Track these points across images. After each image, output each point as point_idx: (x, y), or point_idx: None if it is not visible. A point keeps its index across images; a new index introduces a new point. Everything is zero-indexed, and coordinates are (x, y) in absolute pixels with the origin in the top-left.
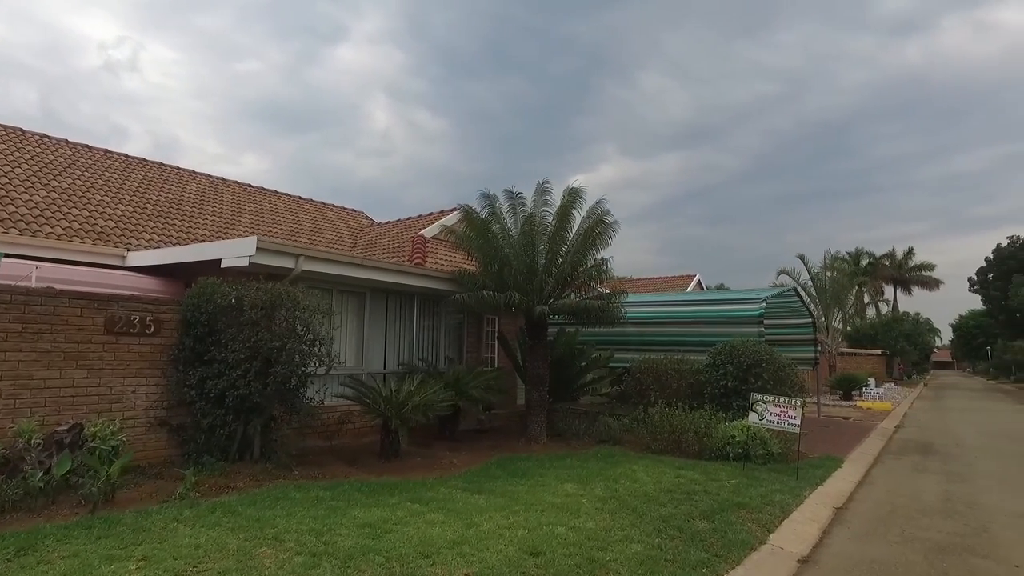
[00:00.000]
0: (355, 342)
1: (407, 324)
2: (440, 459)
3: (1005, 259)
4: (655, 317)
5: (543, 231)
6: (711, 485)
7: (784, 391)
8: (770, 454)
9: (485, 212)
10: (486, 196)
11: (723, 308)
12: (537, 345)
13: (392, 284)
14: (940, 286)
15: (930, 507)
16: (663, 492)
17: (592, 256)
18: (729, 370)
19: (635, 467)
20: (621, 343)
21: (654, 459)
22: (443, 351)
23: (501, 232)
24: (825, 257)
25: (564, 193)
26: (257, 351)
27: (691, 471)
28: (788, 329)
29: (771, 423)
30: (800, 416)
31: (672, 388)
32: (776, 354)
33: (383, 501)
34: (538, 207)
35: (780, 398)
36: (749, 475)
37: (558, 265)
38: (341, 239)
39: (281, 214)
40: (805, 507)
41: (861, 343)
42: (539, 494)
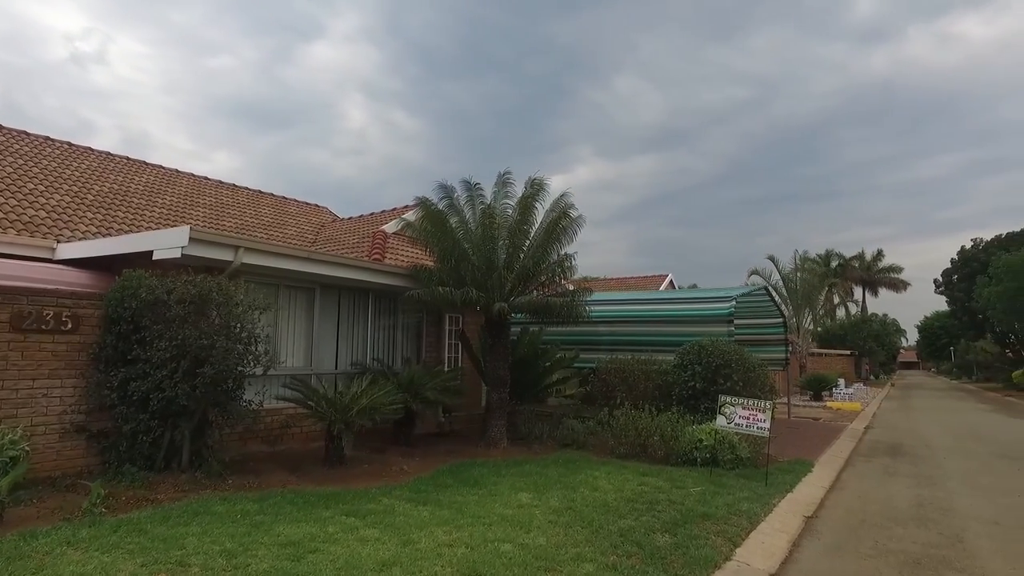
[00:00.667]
0: (304, 341)
1: (361, 322)
2: (390, 466)
3: (968, 261)
4: (623, 316)
5: (503, 225)
6: (676, 493)
7: (754, 392)
8: (739, 459)
9: (442, 204)
10: (443, 187)
11: (692, 307)
12: (497, 344)
13: (344, 280)
14: (907, 288)
15: (903, 514)
16: (624, 502)
17: (556, 251)
18: (697, 371)
19: (597, 474)
20: (588, 343)
21: (618, 465)
22: (400, 351)
23: (460, 225)
24: (796, 257)
25: (526, 184)
26: (185, 350)
27: (656, 478)
28: (759, 329)
29: (739, 426)
30: (770, 419)
31: (639, 389)
32: (746, 354)
33: (315, 515)
34: (498, 199)
35: (749, 400)
36: (716, 482)
37: (520, 260)
38: (301, 235)
39: (238, 208)
40: (774, 516)
41: (831, 343)
42: (490, 505)
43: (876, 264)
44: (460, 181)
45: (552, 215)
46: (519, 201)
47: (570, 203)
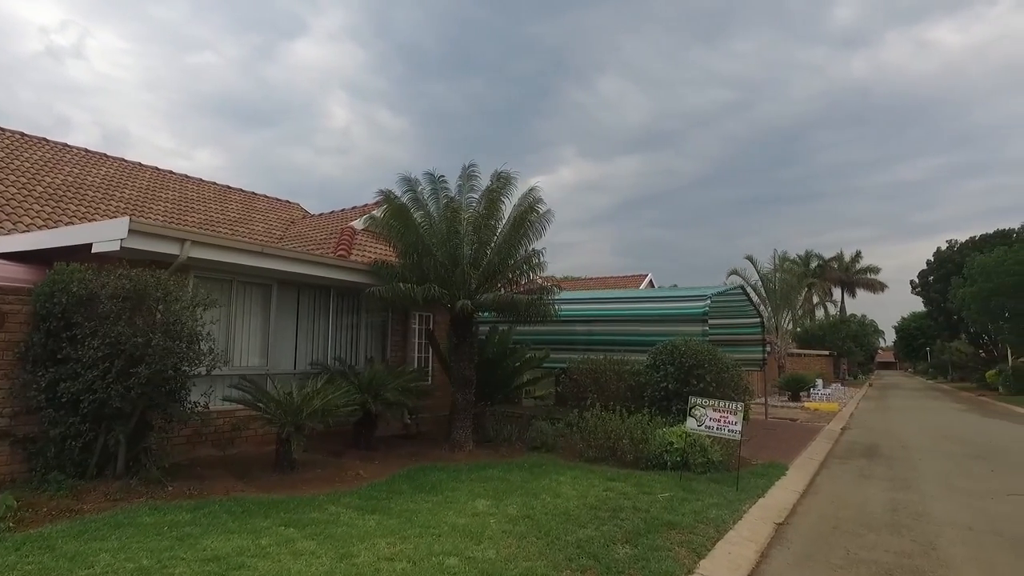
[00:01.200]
0: (260, 339)
1: (322, 321)
2: (346, 470)
3: (944, 262)
4: (596, 315)
5: (469, 219)
6: (642, 500)
7: (727, 394)
8: (710, 462)
9: (406, 197)
10: (407, 180)
11: (666, 306)
12: (463, 344)
13: (303, 276)
14: (884, 289)
15: (876, 520)
16: (586, 509)
17: (524, 247)
18: (670, 371)
19: (562, 478)
20: (560, 342)
21: (585, 469)
22: (363, 350)
23: (424, 220)
24: (775, 257)
25: (492, 178)
26: (118, 348)
27: (623, 483)
28: (736, 329)
29: (710, 429)
30: (741, 422)
31: (610, 390)
32: (719, 354)
33: (252, 525)
34: (464, 193)
35: (720, 402)
36: (686, 487)
37: (486, 256)
38: (269, 231)
39: (202, 203)
40: (743, 524)
41: (810, 344)
42: (443, 513)
43: (854, 265)
44: (423, 173)
45: (519, 210)
46: (484, 195)
47: (538, 197)
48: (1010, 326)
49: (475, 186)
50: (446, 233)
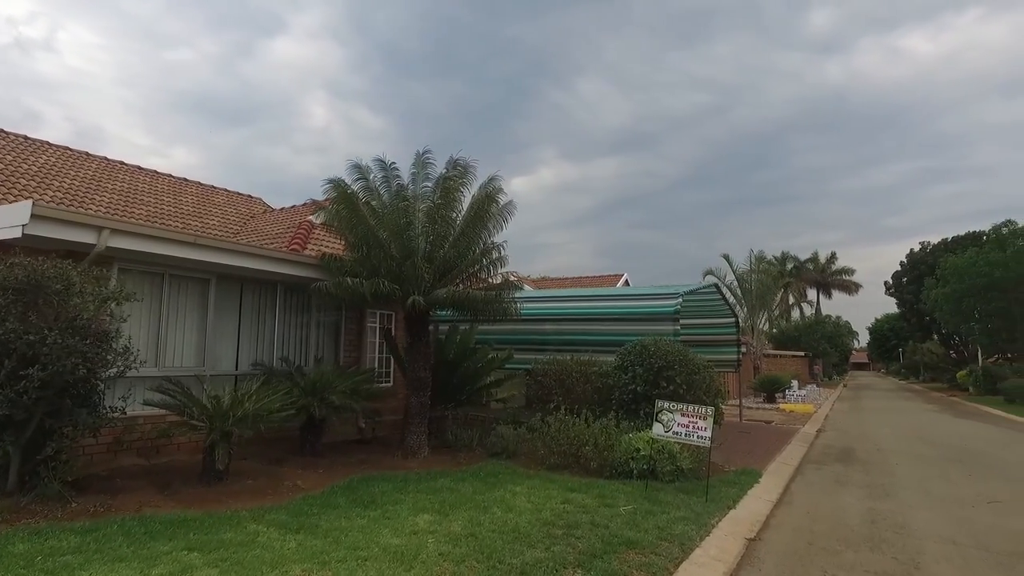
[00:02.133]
0: (196, 338)
1: (268, 318)
2: (283, 480)
3: (917, 264)
4: (563, 314)
5: (422, 209)
6: (602, 513)
7: (698, 397)
8: (679, 470)
9: (357, 185)
10: (357, 167)
11: (636, 304)
12: (417, 343)
13: (245, 270)
14: (859, 290)
15: (855, 533)
16: (539, 525)
17: (483, 240)
18: (638, 372)
19: (518, 489)
20: (526, 342)
21: (545, 478)
22: (314, 351)
23: (376, 210)
24: (751, 257)
25: (447, 165)
26: (7, 347)
27: (583, 494)
28: (710, 329)
29: (678, 435)
30: (711, 427)
31: (577, 393)
32: (691, 355)
33: (149, 550)
34: (418, 182)
35: (689, 406)
36: (652, 497)
37: (442, 249)
38: (225, 225)
39: (153, 195)
40: (712, 541)
41: (785, 345)
42: (377, 532)
43: (830, 267)
44: (374, 160)
45: (478, 200)
46: (439, 183)
47: (499, 187)
48: (981, 327)
49: (431, 175)
50: (398, 224)
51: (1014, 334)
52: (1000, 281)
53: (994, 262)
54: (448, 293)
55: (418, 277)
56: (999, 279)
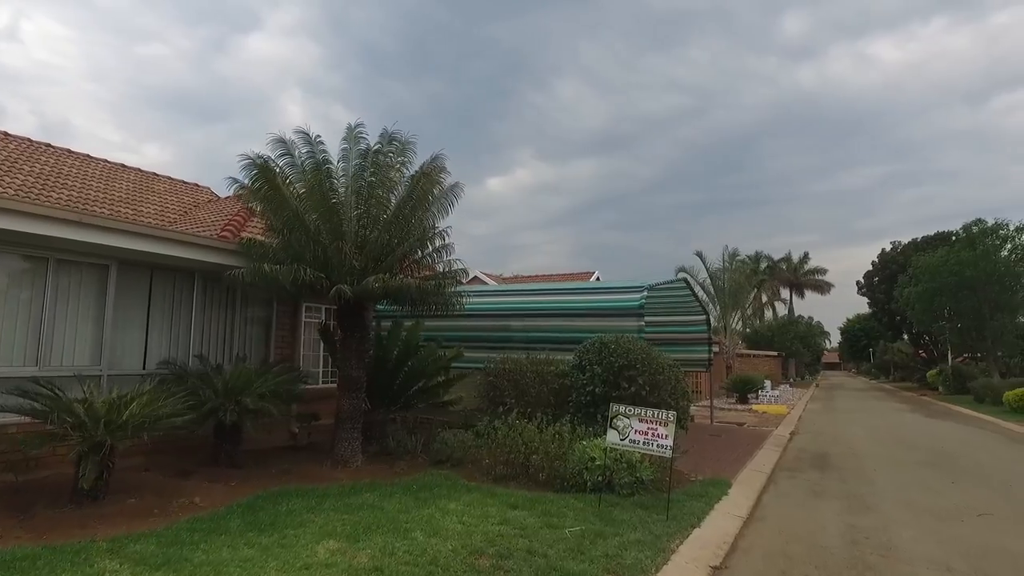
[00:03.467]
0: (90, 333)
1: (183, 311)
2: (178, 497)
3: (888, 263)
4: (519, 309)
5: (354, 189)
6: (544, 537)
7: (663, 399)
8: (639, 482)
9: (283, 161)
10: (280, 141)
11: (598, 298)
12: (351, 339)
13: (153, 256)
14: (831, 290)
15: (835, 558)
16: (465, 555)
17: (423, 225)
18: (597, 372)
19: (452, 506)
20: (479, 339)
21: (487, 492)
22: (240, 347)
23: (305, 187)
24: (724, 255)
25: (380, 138)
26: None
27: (527, 511)
28: (680, 327)
29: (635, 444)
30: (673, 435)
31: (531, 395)
32: (655, 353)
33: None
34: (350, 158)
35: (648, 411)
36: (605, 515)
37: (374, 233)
38: (163, 213)
39: (80, 180)
40: (670, 570)
41: (759, 344)
42: (261, 567)
43: (803, 267)
44: (296, 131)
45: (417, 180)
46: (368, 157)
47: (442, 166)
48: (951, 325)
49: (364, 152)
50: (325, 205)
51: (983, 332)
52: (970, 280)
53: (965, 261)
54: (379, 282)
55: (346, 264)
56: (969, 278)
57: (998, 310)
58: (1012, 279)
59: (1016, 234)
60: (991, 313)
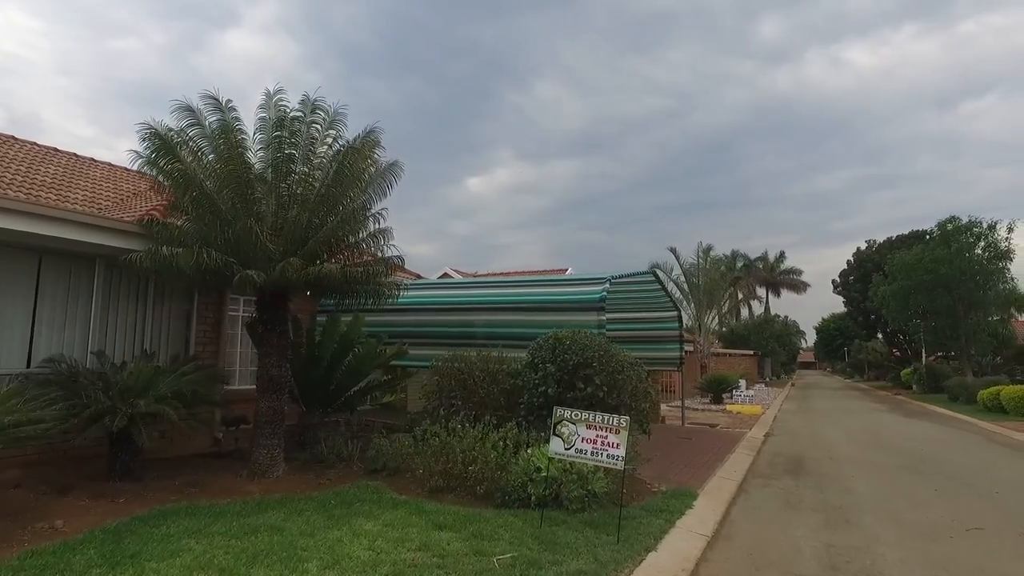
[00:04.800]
0: None
1: (80, 302)
2: (37, 520)
3: (864, 262)
4: (473, 303)
5: (271, 163)
6: (467, 567)
7: (622, 401)
8: (591, 495)
9: (192, 132)
10: (187, 109)
11: (556, 291)
12: (271, 333)
13: (38, 238)
14: (807, 289)
15: None
16: None
17: (352, 205)
18: (550, 371)
19: (368, 526)
20: (427, 335)
21: (415, 507)
22: (151, 343)
23: (215, 159)
24: (698, 250)
25: (301, 105)
26: None
27: (455, 532)
28: (650, 324)
29: (582, 453)
30: (626, 443)
31: (480, 396)
32: (614, 350)
33: None
34: (269, 130)
35: (597, 416)
36: (546, 537)
37: (292, 212)
38: (95, 200)
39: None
40: None
41: (735, 344)
42: None
43: (779, 266)
44: (204, 97)
45: (347, 154)
46: (285, 126)
47: (376, 141)
48: (926, 324)
49: (283, 122)
50: (238, 180)
51: (957, 331)
52: (945, 277)
53: (939, 258)
54: (293, 268)
55: (259, 247)
56: (944, 275)
57: (972, 308)
58: (984, 277)
59: (988, 232)
60: (965, 311)
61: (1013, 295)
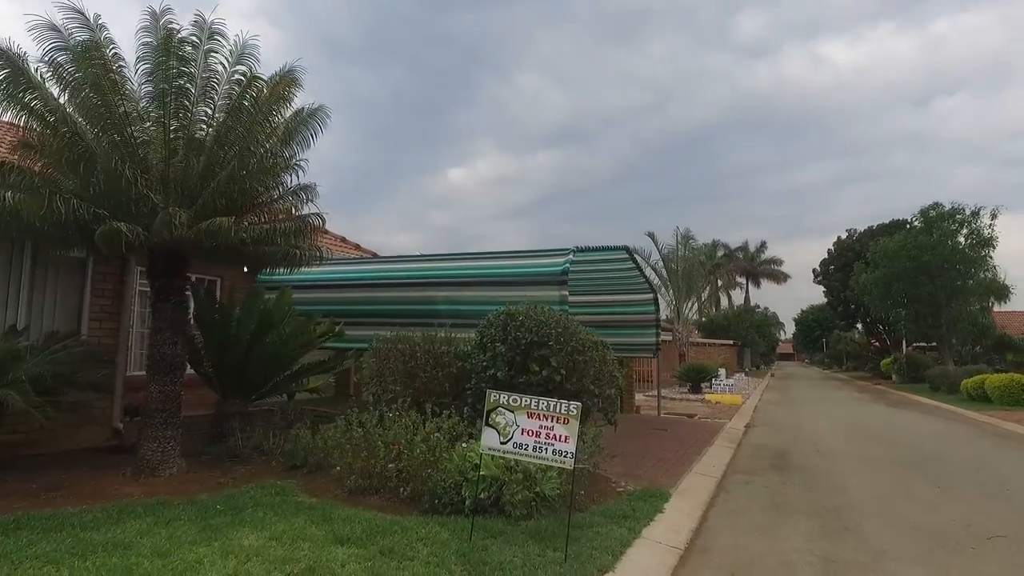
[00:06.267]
0: None
1: None
2: None
3: (844, 251)
4: (418, 277)
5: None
6: None
7: (583, 386)
8: (540, 499)
9: (62, 57)
10: (51, 28)
11: (513, 264)
12: (163, 306)
13: None
14: (787, 279)
15: None
16: None
17: (262, 151)
18: (500, 352)
19: (247, 541)
20: (368, 313)
21: (321, 514)
22: (23, 317)
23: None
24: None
25: (195, 27)
26: None
27: (356, 549)
28: (624, 308)
29: (522, 448)
30: (576, 435)
31: (423, 381)
32: (575, 327)
33: None
34: (156, 59)
35: (541, 401)
36: (474, 555)
37: (182, 155)
38: None
39: None
40: None
41: (714, 333)
42: None
43: (759, 255)
44: (64, 6)
45: (248, 84)
46: (173, 49)
47: (293, 79)
48: (908, 312)
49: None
50: (113, 116)
51: (939, 319)
52: (927, 265)
53: (922, 245)
54: (180, 221)
55: (135, 197)
56: (926, 263)
57: (954, 296)
58: (967, 265)
59: (972, 219)
60: (947, 299)
61: (994, 284)
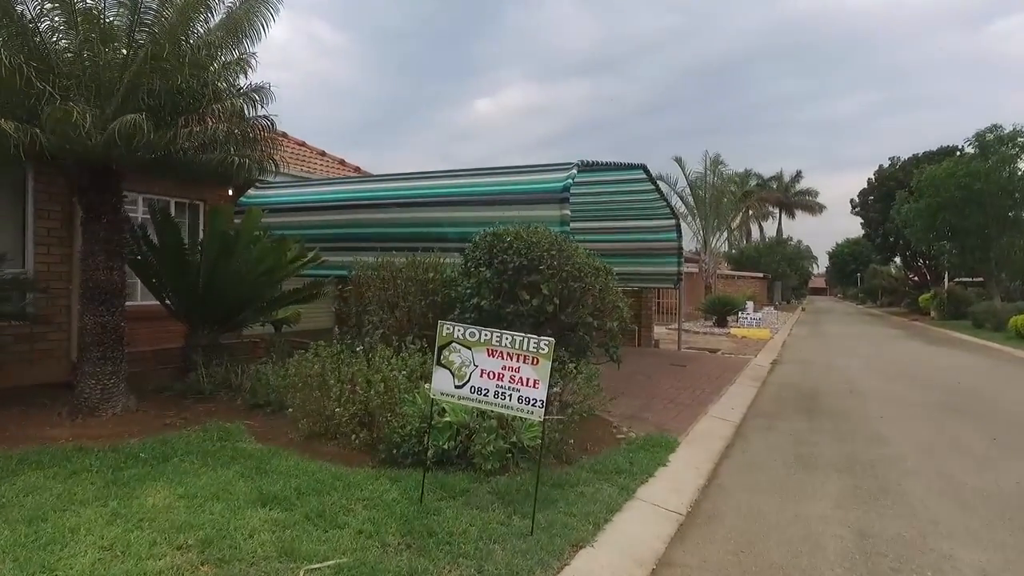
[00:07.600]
0: None
1: None
2: None
3: (886, 180)
4: (404, 196)
5: None
6: None
7: (580, 318)
8: (518, 449)
9: None
10: None
11: (510, 181)
12: (95, 225)
13: None
14: (823, 211)
15: None
16: None
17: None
18: (486, 278)
19: (153, 500)
20: (349, 237)
21: (254, 465)
22: None
23: None
24: (705, 160)
25: None
26: None
27: (279, 512)
28: (643, 234)
29: (480, 394)
30: (547, 379)
31: (403, 310)
32: (571, 249)
33: None
34: None
35: (504, 336)
36: (419, 524)
37: (79, 35)
38: None
39: None
40: None
41: (744, 266)
42: None
43: (794, 186)
44: None
45: None
46: None
47: None
48: (953, 245)
49: None
50: None
51: (987, 254)
52: (979, 194)
53: (974, 172)
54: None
55: (30, 93)
56: (978, 191)
57: (1007, 228)
58: None
59: None
60: (999, 232)
61: None
